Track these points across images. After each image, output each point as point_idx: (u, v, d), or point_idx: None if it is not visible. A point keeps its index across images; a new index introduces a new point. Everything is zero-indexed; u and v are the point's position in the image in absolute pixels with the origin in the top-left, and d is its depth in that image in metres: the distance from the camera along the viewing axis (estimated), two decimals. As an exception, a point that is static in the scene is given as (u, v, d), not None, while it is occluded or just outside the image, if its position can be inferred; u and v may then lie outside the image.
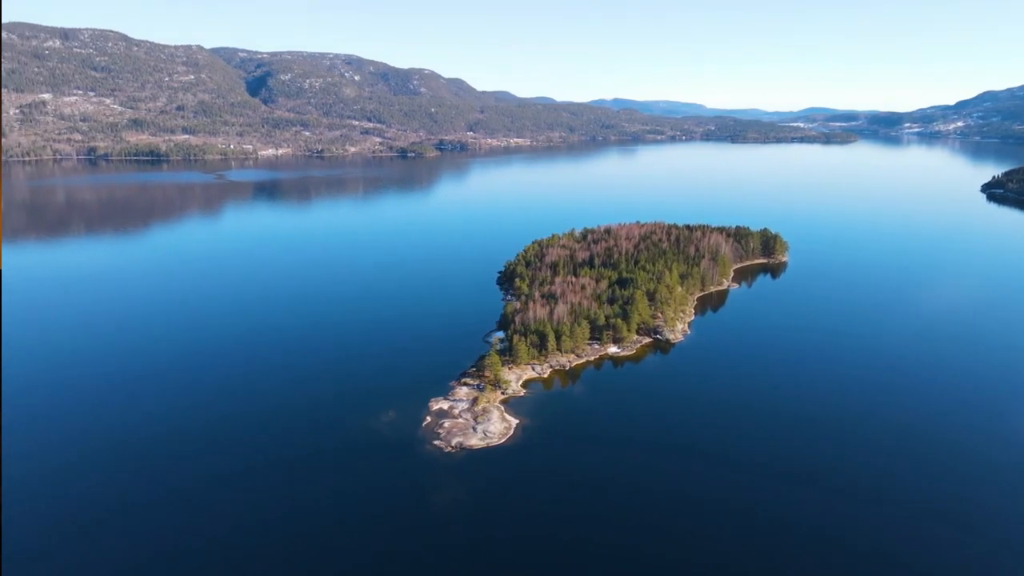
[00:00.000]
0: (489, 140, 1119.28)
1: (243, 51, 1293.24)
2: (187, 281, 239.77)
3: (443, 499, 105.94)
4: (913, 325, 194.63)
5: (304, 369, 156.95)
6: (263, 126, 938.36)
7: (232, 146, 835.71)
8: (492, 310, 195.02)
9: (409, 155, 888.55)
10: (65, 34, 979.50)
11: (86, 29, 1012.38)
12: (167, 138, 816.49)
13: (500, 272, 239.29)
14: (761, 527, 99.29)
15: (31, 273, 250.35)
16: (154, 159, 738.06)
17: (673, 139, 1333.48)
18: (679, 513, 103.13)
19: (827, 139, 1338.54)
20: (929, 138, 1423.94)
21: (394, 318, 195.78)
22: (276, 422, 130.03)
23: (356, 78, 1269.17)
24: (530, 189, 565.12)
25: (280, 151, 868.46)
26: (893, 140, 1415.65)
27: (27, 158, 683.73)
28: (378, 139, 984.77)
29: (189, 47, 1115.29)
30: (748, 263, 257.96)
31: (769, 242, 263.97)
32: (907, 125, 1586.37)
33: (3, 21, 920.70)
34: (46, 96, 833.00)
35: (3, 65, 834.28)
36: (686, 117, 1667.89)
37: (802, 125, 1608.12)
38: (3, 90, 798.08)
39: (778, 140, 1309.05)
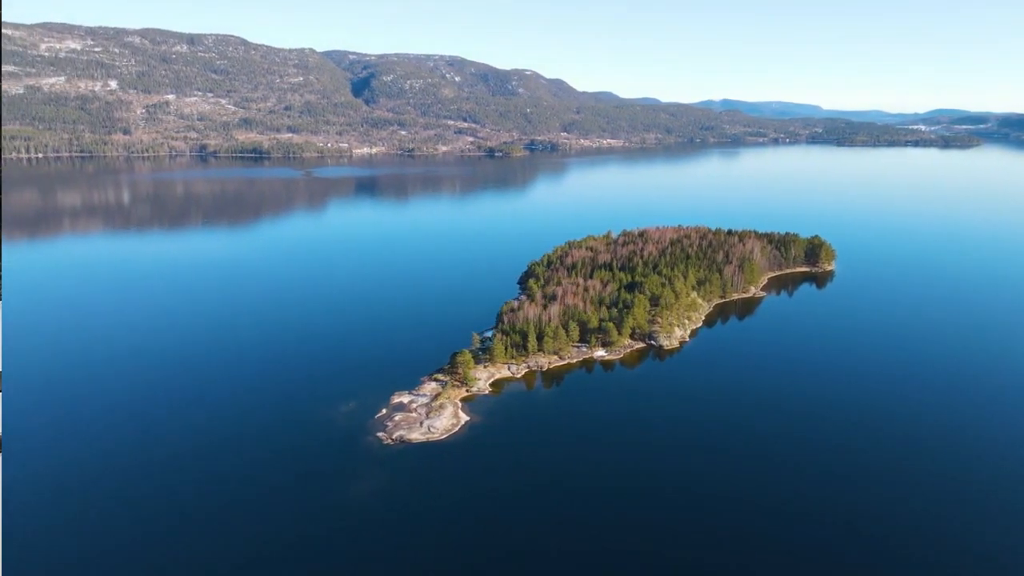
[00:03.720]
0: (582, 141, 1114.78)
1: (353, 53, 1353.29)
2: (226, 272, 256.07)
3: (362, 489, 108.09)
4: (950, 344, 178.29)
5: (298, 361, 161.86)
6: (362, 125, 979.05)
7: (330, 144, 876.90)
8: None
9: (496, 155, 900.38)
10: (191, 39, 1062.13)
11: (210, 34, 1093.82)
12: (272, 136, 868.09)
13: (524, 272, 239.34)
14: (707, 528, 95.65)
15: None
16: (257, 156, 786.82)
17: (776, 142, 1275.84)
18: (594, 514, 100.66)
19: (946, 143, 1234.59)
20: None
21: (405, 313, 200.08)
22: (250, 408, 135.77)
23: (456, 79, 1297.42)
24: (588, 192, 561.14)
25: (374, 149, 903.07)
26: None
27: (146, 154, 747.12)
28: (470, 139, 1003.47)
29: (302, 50, 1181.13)
30: (788, 271, 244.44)
31: (814, 250, 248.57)
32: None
33: (140, 27, 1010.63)
34: (170, 97, 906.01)
35: (134, 68, 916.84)
36: (794, 118, 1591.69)
37: (923, 128, 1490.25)
38: (132, 91, 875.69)
39: (890, 143, 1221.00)
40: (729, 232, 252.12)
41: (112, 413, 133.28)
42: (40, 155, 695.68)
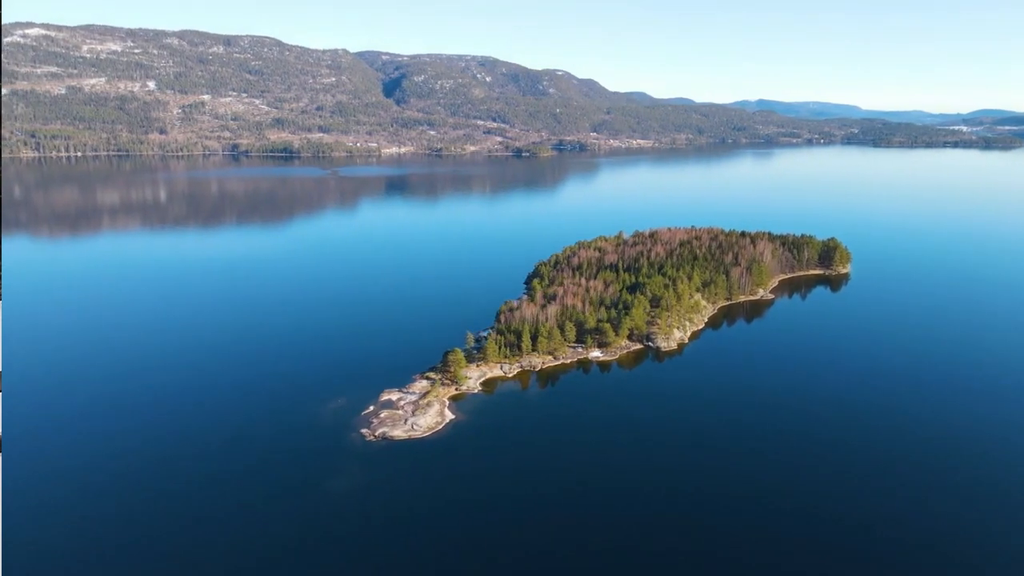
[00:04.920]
0: (611, 141, 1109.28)
1: (386, 54, 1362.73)
2: (235, 271, 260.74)
3: (338, 485, 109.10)
4: (967, 350, 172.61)
5: (296, 358, 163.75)
6: (392, 125, 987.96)
7: (359, 144, 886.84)
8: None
9: (524, 155, 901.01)
10: (228, 40, 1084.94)
11: (246, 36, 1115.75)
12: (303, 136, 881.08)
13: (531, 272, 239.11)
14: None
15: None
16: (287, 155, 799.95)
17: (810, 142, 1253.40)
18: (563, 522, 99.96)
19: (987, 144, 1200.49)
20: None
21: (408, 311, 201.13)
22: (245, 406, 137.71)
23: (487, 79, 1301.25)
24: (609, 193, 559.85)
25: (403, 149, 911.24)
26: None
27: (180, 153, 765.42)
28: (498, 139, 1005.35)
29: (335, 51, 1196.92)
30: (801, 273, 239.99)
31: (828, 252, 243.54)
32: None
33: (179, 28, 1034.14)
34: (205, 97, 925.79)
35: (171, 69, 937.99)
36: (830, 119, 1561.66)
37: (964, 128, 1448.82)
38: (169, 92, 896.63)
39: (928, 145, 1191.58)
40: (742, 234, 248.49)
41: (110, 411, 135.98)
42: (79, 154, 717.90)
